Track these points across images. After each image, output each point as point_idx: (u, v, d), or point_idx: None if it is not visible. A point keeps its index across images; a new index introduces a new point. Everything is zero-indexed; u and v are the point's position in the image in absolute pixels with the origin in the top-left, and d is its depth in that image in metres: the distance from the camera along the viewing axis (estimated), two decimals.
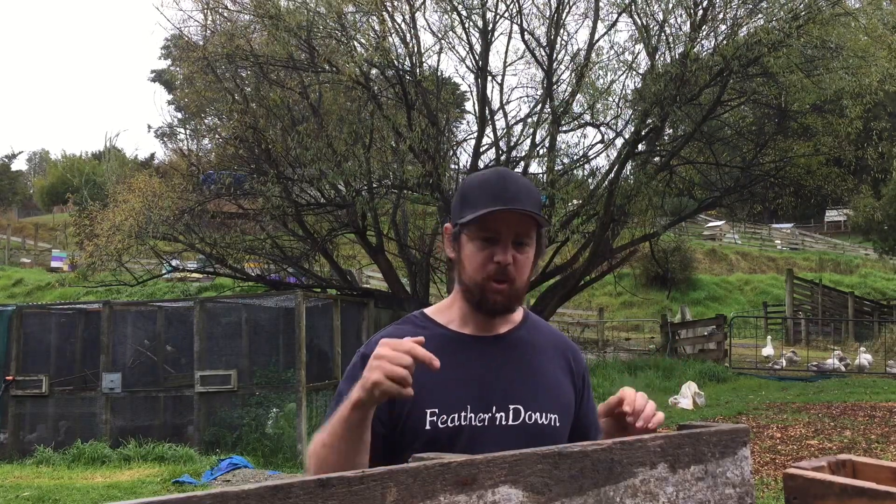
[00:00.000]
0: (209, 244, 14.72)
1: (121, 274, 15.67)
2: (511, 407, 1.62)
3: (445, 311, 1.71)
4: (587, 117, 14.87)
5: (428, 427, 1.58)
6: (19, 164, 69.73)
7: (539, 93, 15.47)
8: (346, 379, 1.64)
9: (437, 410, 1.59)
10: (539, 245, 1.66)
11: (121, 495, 7.69)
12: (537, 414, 1.63)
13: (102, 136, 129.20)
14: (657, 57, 14.33)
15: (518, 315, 1.74)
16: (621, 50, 15.23)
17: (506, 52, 17.17)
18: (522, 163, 15.21)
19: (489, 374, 1.63)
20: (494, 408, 1.61)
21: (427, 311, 1.74)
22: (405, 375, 1.39)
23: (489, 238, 1.59)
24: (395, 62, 13.40)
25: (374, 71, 13.89)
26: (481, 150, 15.24)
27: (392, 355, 1.39)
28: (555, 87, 14.77)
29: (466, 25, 14.33)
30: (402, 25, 13.80)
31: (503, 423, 1.61)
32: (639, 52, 14.93)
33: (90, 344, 11.61)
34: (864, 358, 16.53)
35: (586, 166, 16.25)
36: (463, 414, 1.59)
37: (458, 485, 1.00)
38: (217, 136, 17.66)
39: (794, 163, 15.48)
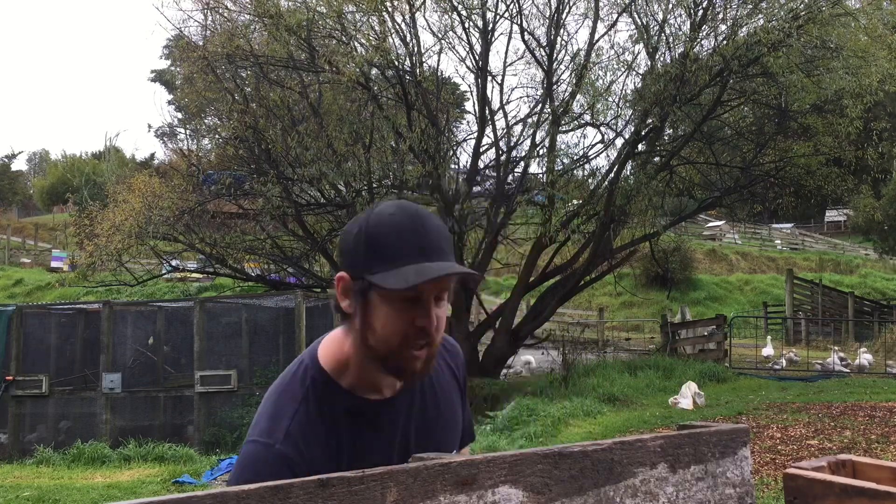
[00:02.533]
0: (209, 244, 14.73)
1: (121, 274, 15.69)
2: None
3: (343, 366, 1.45)
4: (587, 117, 14.88)
5: None
6: (19, 164, 70.02)
7: (539, 93, 15.48)
8: (249, 471, 1.46)
9: None
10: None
11: (121, 495, 7.68)
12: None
13: (102, 136, 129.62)
14: (657, 57, 14.34)
15: None
16: (621, 50, 15.28)
17: (506, 52, 17.19)
18: (522, 163, 15.22)
19: (407, 435, 1.50)
20: None
21: (324, 365, 1.47)
22: None
23: (410, 299, 1.35)
24: (395, 62, 13.40)
25: (374, 71, 13.89)
26: (481, 150, 15.25)
27: None
28: (555, 87, 14.78)
29: (466, 25, 14.34)
30: (402, 25, 13.81)
31: None
32: (639, 53, 14.96)
33: (90, 344, 11.61)
34: (865, 358, 16.51)
35: (586, 166, 16.28)
36: None
37: (458, 485, 1.00)
38: (217, 136, 17.67)
39: (794, 163, 15.46)
